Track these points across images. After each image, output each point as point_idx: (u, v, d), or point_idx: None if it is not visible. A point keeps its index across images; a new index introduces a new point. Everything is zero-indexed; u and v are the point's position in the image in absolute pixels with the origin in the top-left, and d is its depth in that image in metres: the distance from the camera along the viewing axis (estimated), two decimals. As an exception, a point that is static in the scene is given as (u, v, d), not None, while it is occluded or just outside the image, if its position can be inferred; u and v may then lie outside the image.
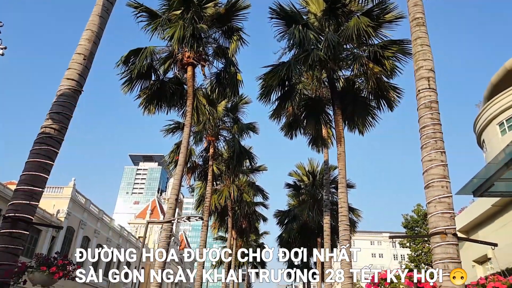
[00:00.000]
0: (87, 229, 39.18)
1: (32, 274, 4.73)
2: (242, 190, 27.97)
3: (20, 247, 5.06)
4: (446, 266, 4.51)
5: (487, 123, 22.96)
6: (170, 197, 12.81)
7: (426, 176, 5.08)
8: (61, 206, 35.05)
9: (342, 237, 11.42)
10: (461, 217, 25.41)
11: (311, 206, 24.19)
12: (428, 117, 5.38)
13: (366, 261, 73.73)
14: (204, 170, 21.11)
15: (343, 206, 11.70)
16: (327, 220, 17.82)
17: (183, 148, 13.17)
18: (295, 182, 26.56)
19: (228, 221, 28.20)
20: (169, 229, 12.27)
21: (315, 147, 18.92)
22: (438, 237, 4.68)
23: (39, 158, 5.62)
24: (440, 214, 4.78)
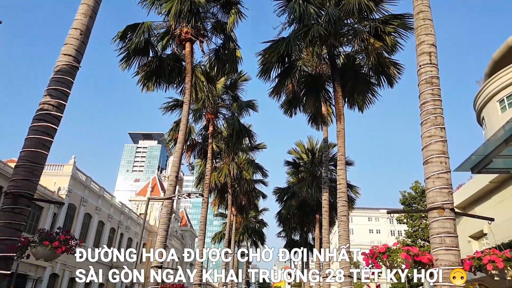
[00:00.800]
0: (88, 206, 39.62)
1: (35, 249, 4.81)
2: (242, 167, 28.11)
3: (22, 223, 5.12)
4: (442, 240, 4.58)
5: (487, 100, 22.87)
6: (170, 175, 12.88)
7: (425, 152, 5.09)
8: (62, 183, 35.32)
9: (340, 213, 11.56)
10: (458, 194, 25.66)
11: (310, 183, 24.38)
12: (428, 93, 5.34)
13: (363, 237, 75.08)
14: (203, 148, 21.13)
15: (341, 183, 11.78)
16: (325, 196, 18.00)
17: (182, 125, 13.14)
18: (294, 159, 26.67)
19: (228, 198, 28.48)
20: (169, 206, 12.39)
21: (314, 125, 18.89)
22: (436, 212, 4.73)
23: (38, 135, 5.61)
24: (438, 190, 4.81)
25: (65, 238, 4.89)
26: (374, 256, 4.63)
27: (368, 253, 4.76)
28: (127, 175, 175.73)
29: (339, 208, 11.60)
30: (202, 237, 18.78)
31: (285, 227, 35.33)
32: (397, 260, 4.51)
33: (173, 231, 67.31)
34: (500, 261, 4.62)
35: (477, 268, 4.92)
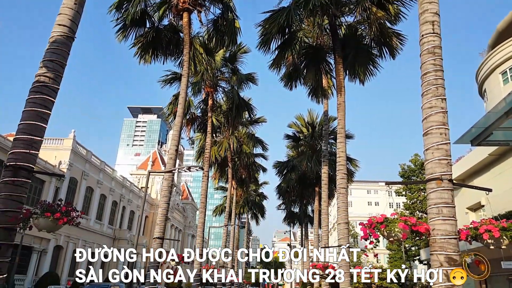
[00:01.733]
0: (90, 180, 39.97)
1: (37, 220, 4.87)
2: (242, 141, 28.16)
3: (23, 195, 5.16)
4: (440, 210, 4.62)
5: (490, 72, 22.59)
6: (170, 148, 12.90)
7: (425, 123, 5.05)
8: (62, 157, 35.47)
9: (339, 186, 11.66)
10: (457, 166, 25.77)
11: (310, 157, 24.47)
12: (430, 63, 5.25)
13: (362, 209, 76.11)
14: (203, 122, 21.07)
15: (341, 156, 11.81)
16: (325, 170, 18.12)
17: (181, 99, 13.03)
18: (294, 133, 26.66)
19: (228, 171, 28.68)
20: (170, 179, 12.48)
21: (315, 98, 18.75)
22: (434, 183, 4.75)
23: (36, 107, 5.56)
24: (437, 161, 4.82)
25: (66, 210, 4.94)
26: (372, 226, 4.69)
27: (366, 223, 4.81)
28: (127, 150, 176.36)
29: (338, 181, 11.68)
30: (203, 209, 19.05)
31: (285, 200, 35.80)
32: (395, 230, 4.56)
33: (174, 204, 68.23)
34: (496, 231, 4.69)
35: (473, 237, 5.00)
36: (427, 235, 4.64)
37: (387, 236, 4.67)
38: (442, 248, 4.46)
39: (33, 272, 30.74)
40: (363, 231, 4.79)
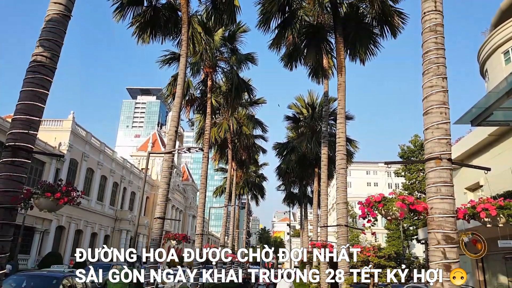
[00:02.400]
0: (90, 161, 40.11)
1: (37, 200, 4.89)
2: (241, 123, 28.08)
3: (23, 175, 5.17)
4: (438, 189, 4.64)
5: (492, 52, 22.34)
6: (170, 129, 12.87)
7: (425, 103, 5.03)
8: (62, 139, 35.49)
9: (338, 166, 11.70)
10: (456, 147, 25.82)
11: (310, 138, 24.48)
12: (432, 41, 5.18)
13: (361, 190, 76.69)
14: (202, 103, 20.96)
15: (340, 137, 11.81)
16: (325, 151, 18.15)
17: (180, 79, 12.92)
18: (294, 114, 26.58)
19: (228, 153, 28.73)
20: (170, 160, 12.51)
21: (315, 79, 18.62)
22: (433, 162, 4.76)
23: (33, 87, 5.51)
24: (436, 140, 4.81)
25: (66, 190, 4.96)
26: (370, 205, 4.73)
27: (364, 202, 4.85)
28: (127, 131, 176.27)
29: (337, 162, 11.72)
30: (204, 190, 19.16)
31: (284, 181, 36.01)
32: (392, 209, 4.60)
33: (175, 185, 68.69)
34: (493, 209, 4.74)
35: (470, 216, 5.05)
36: (424, 213, 4.68)
37: (385, 215, 4.71)
38: (440, 226, 4.50)
39: (36, 252, 31.23)
40: (361, 210, 4.83)
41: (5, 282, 10.65)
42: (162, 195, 11.99)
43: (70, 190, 4.98)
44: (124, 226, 47.29)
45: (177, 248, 69.18)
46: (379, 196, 4.71)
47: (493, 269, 20.68)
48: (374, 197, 4.77)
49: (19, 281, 10.52)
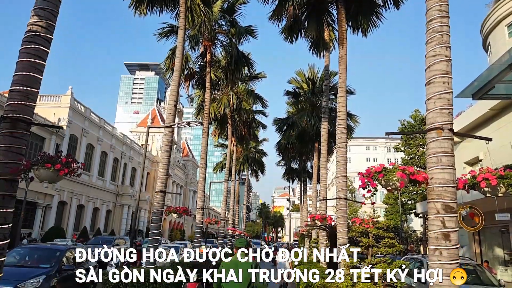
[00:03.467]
0: (90, 137, 40.14)
1: (38, 171, 4.89)
2: (241, 98, 27.89)
3: (23, 147, 5.15)
4: (439, 160, 4.64)
5: (495, 24, 21.92)
6: (169, 104, 12.78)
7: (428, 73, 4.95)
8: (61, 114, 35.39)
9: (338, 140, 11.68)
10: (457, 121, 25.75)
11: (310, 113, 24.36)
12: (436, 9, 5.04)
13: (360, 165, 77.08)
14: (201, 78, 20.73)
15: (341, 110, 11.73)
16: (325, 125, 18.11)
17: (178, 52, 12.71)
18: (294, 89, 26.34)
19: (228, 128, 28.68)
20: (170, 135, 12.48)
21: (316, 52, 18.32)
22: (434, 133, 4.73)
23: (30, 58, 5.40)
24: (438, 110, 4.76)
25: (67, 161, 4.95)
26: (370, 176, 4.73)
27: (364, 172, 4.85)
28: (126, 107, 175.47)
29: (337, 135, 11.69)
30: (204, 165, 19.23)
31: (284, 157, 36.12)
32: (393, 179, 4.61)
33: (175, 161, 69.00)
34: (493, 178, 4.75)
35: (470, 186, 5.07)
36: (424, 184, 4.70)
37: (385, 185, 4.72)
38: (439, 196, 4.53)
39: (39, 226, 31.72)
40: (361, 180, 4.84)
41: (9, 255, 10.85)
42: (163, 169, 12.04)
43: (70, 162, 4.97)
44: (126, 201, 47.84)
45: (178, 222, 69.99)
46: (380, 167, 4.71)
47: (489, 242, 21.08)
48: (374, 167, 4.77)
49: (22, 253, 10.71)
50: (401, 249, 7.89)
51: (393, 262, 7.13)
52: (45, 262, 10.13)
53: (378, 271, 7.34)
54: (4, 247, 4.90)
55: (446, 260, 4.33)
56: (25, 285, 8.86)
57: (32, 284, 8.96)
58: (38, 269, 9.65)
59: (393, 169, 4.66)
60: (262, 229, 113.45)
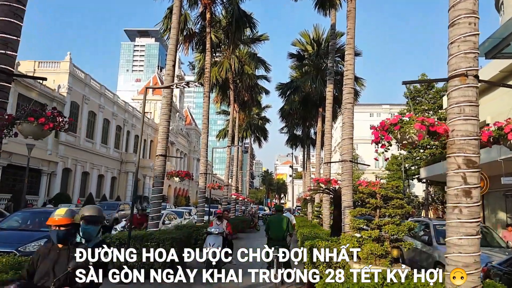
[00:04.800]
0: (91, 104, 39.65)
1: (21, 126, 4.51)
2: (243, 62, 27.04)
3: (5, 100, 4.75)
4: (461, 110, 4.19)
5: (512, -19, 20.73)
6: (167, 64, 12.21)
7: (452, 12, 4.39)
8: (61, 81, 34.79)
9: (345, 101, 11.16)
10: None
11: (314, 76, 23.60)
12: None
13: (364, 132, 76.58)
14: (202, 39, 19.90)
15: (349, 69, 11.13)
16: (330, 88, 17.51)
17: (175, 8, 11.97)
18: (298, 52, 25.41)
19: (230, 94, 28.04)
20: (169, 97, 12.00)
21: (321, 10, 17.46)
22: (458, 80, 4.25)
23: (7, 1, 4.89)
24: (462, 55, 4.26)
25: (52, 115, 4.54)
26: (385, 128, 4.29)
27: (378, 126, 4.42)
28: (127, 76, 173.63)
29: (344, 96, 11.16)
30: (206, 130, 18.81)
31: (287, 123, 35.64)
32: (410, 131, 4.18)
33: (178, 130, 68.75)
34: (523, 129, 4.33)
35: (495, 139, 4.65)
36: (445, 136, 4.27)
37: (400, 139, 4.29)
38: (461, 149, 4.11)
39: (44, 193, 31.93)
40: (374, 135, 4.40)
41: (10, 218, 10.74)
42: (163, 132, 11.66)
43: (56, 115, 4.57)
44: (130, 168, 48.00)
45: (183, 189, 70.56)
46: (396, 118, 4.27)
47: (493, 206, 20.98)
48: (389, 119, 4.33)
49: (24, 217, 10.57)
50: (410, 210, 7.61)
51: (402, 224, 6.83)
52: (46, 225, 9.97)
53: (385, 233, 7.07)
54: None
55: (467, 219, 3.98)
56: (26, 248, 8.74)
57: (33, 247, 8.83)
58: (39, 232, 9.51)
59: (410, 120, 4.21)
60: (265, 196, 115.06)
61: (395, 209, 6.99)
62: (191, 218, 22.64)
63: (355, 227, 7.13)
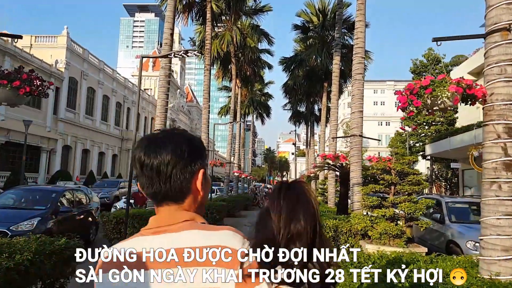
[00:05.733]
0: (90, 80, 38.84)
1: (-8, 90, 3.94)
2: (246, 34, 26.05)
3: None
4: (502, 70, 3.58)
5: None
6: (165, 31, 11.49)
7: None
8: (58, 56, 33.91)
9: (355, 72, 10.49)
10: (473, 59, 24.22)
11: (320, 49, 22.71)
12: None
13: (367, 109, 75.56)
14: (202, 9, 18.98)
15: (359, 37, 10.39)
16: (337, 60, 16.76)
17: (174, -28, 11.15)
18: (303, 23, 24.36)
19: (232, 68, 27.19)
20: (167, 67, 11.34)
21: (328, -23, 16.48)
22: (498, 35, 3.63)
23: None
24: (504, 6, 3.61)
25: (28, 77, 3.97)
26: (414, 92, 3.70)
27: (404, 90, 3.82)
28: (127, 52, 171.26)
29: (354, 66, 10.47)
30: (207, 105, 18.20)
31: (290, 99, 34.85)
32: (443, 95, 3.58)
33: (179, 107, 68.02)
34: None
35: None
36: (482, 100, 3.68)
37: (431, 105, 3.71)
38: (501, 116, 3.53)
39: (44, 170, 31.65)
40: (400, 100, 3.81)
41: (3, 196, 10.31)
42: (161, 105, 11.06)
43: (33, 78, 3.99)
44: (131, 146, 47.55)
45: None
46: (427, 79, 3.66)
47: (500, 183, 20.49)
48: (417, 82, 3.73)
49: (17, 194, 10.14)
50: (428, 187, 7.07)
51: (419, 201, 6.31)
52: (40, 203, 9.55)
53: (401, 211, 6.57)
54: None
55: (507, 196, 3.44)
56: (18, 227, 8.32)
57: (26, 226, 8.42)
58: (32, 211, 9.08)
59: (443, 82, 3.61)
60: (267, 174, 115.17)
61: (411, 186, 6.46)
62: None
63: (368, 205, 6.62)
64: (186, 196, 1.07)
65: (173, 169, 1.03)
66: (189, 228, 1.03)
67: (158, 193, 1.06)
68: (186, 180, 1.05)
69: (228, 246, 0.99)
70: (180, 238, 1.02)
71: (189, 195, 1.08)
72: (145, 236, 1.10)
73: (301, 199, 1.12)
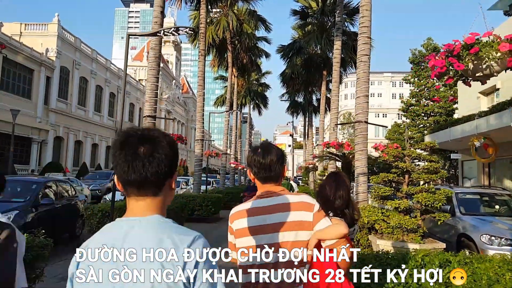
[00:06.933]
0: (82, 70, 37.78)
1: None
2: (242, 20, 25.16)
3: None
4: None
5: None
6: (155, 9, 10.67)
7: None
8: (49, 44, 32.83)
9: (361, 53, 9.71)
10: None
11: (319, 35, 21.88)
12: None
13: (366, 100, 74.90)
14: (196, -8, 18.10)
15: (365, 16, 9.60)
16: (338, 46, 16.01)
17: None
18: (302, 8, 23.48)
19: (228, 56, 26.33)
20: (157, 48, 10.52)
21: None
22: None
23: None
24: None
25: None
26: (455, 53, 2.94)
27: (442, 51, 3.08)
28: (122, 43, 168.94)
29: (360, 47, 9.70)
30: (202, 93, 17.36)
31: (288, 89, 33.99)
32: (490, 56, 2.85)
33: (175, 98, 66.96)
34: None
35: None
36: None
37: (474, 69, 2.98)
38: None
39: (35, 162, 30.77)
40: (437, 64, 3.07)
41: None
42: (151, 89, 10.25)
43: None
44: (124, 137, 46.72)
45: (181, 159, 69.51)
46: (472, 36, 2.91)
47: (499, 174, 19.94)
48: (458, 41, 2.99)
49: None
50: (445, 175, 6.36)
51: (437, 191, 5.61)
52: (19, 196, 8.79)
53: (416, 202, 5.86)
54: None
55: None
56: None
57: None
58: (10, 203, 8.30)
59: (491, 42, 2.86)
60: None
61: (428, 174, 5.75)
62: (188, 188, 21.74)
63: (380, 196, 5.90)
64: (280, 178, 2.02)
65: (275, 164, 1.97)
66: (286, 194, 1.95)
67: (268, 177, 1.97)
68: (281, 169, 2.00)
69: (308, 202, 1.92)
70: (284, 197, 1.92)
71: (280, 177, 2.02)
72: (262, 198, 1.96)
73: (341, 180, 2.44)
